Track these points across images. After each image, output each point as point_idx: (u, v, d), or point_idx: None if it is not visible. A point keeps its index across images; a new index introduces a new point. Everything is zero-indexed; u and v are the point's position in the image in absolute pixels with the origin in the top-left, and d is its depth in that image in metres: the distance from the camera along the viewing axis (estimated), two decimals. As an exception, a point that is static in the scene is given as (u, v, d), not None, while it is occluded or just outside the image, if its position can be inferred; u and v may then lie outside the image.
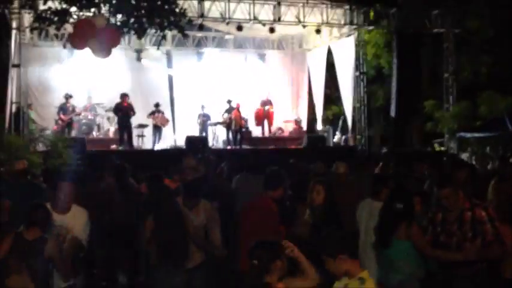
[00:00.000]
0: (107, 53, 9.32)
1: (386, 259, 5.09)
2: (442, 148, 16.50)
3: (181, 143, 17.74)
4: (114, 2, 9.62)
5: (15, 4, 13.41)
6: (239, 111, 17.78)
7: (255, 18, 16.36)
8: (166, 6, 9.57)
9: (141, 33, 10.28)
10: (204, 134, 17.79)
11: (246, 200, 6.28)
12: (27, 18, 14.51)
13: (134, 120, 16.58)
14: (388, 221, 5.07)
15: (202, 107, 18.28)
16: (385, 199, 5.36)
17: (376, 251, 5.34)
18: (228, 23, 16.60)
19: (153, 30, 11.79)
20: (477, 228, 4.81)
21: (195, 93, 19.20)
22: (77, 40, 8.42)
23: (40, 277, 4.64)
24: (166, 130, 18.08)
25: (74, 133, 16.67)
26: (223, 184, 8.26)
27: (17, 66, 14.66)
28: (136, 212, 6.46)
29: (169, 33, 16.16)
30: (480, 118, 14.23)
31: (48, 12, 9.72)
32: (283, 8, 16.70)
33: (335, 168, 7.55)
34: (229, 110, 17.97)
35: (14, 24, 14.56)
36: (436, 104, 15.74)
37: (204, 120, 18.20)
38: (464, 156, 13.31)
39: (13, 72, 14.73)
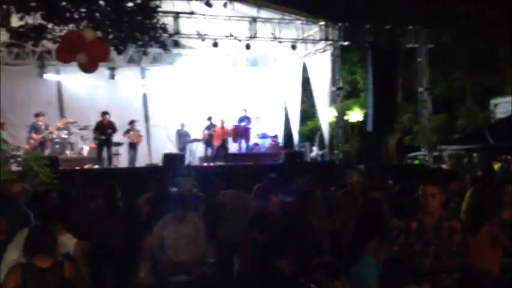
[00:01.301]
0: (95, 67, 9.06)
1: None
2: (416, 162, 16.67)
3: (156, 160, 17.55)
4: (92, 18, 9.42)
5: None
6: (223, 127, 17.80)
7: (231, 35, 16.33)
8: (147, 21, 9.40)
9: (121, 50, 10.07)
10: (183, 152, 17.57)
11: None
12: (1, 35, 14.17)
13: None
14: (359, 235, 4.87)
15: (182, 125, 18.07)
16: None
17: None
18: (203, 40, 16.51)
19: (132, 47, 11.63)
20: (453, 237, 4.76)
21: (170, 109, 19.04)
22: (64, 54, 8.14)
23: None
24: (141, 147, 17.83)
25: (46, 152, 16.26)
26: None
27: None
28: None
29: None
30: (457, 131, 14.41)
31: (25, 28, 9.46)
32: (258, 24, 16.72)
33: None
34: (209, 127, 17.88)
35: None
36: (413, 118, 15.86)
37: (183, 138, 18.02)
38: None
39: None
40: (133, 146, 17.26)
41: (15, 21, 10.22)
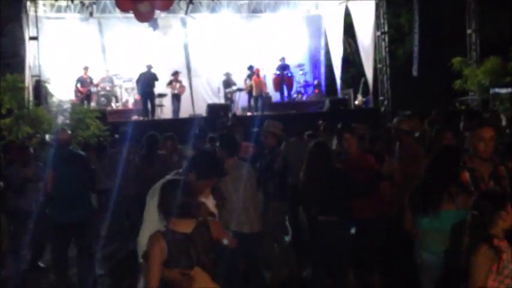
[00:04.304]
0: (152, 16, 8.89)
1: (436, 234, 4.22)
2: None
3: (200, 111, 17.58)
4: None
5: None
6: (259, 77, 17.53)
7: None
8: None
9: None
10: (229, 102, 17.49)
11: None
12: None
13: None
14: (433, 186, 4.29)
15: (227, 74, 17.93)
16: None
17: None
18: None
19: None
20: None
21: (212, 60, 18.87)
22: (125, 2, 7.94)
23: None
24: (184, 99, 17.84)
25: (92, 105, 16.47)
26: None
27: (35, 38, 14.40)
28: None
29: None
30: (510, 74, 13.89)
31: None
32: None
33: None
34: (250, 76, 17.73)
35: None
36: (463, 61, 15.34)
37: (228, 87, 17.89)
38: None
39: (30, 45, 14.47)
40: (176, 97, 17.29)
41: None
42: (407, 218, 4.47)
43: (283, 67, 18.75)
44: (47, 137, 8.71)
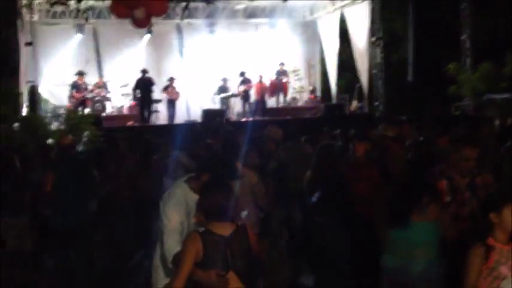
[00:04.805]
0: (148, 22, 8.90)
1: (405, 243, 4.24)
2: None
3: (195, 116, 17.58)
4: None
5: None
6: (261, 82, 17.96)
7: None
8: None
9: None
10: (224, 107, 17.53)
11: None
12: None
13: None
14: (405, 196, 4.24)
15: (224, 80, 17.97)
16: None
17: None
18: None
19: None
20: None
21: (207, 65, 18.89)
22: (121, 8, 7.95)
23: None
24: (179, 104, 17.84)
25: (87, 111, 16.43)
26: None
27: (30, 44, 14.38)
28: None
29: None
30: (505, 79, 13.96)
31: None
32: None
33: None
34: (243, 82, 17.79)
35: (24, 2, 14.22)
36: (458, 67, 15.41)
37: (223, 93, 17.94)
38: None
39: (25, 51, 14.45)
40: (171, 103, 17.30)
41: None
42: (379, 228, 4.47)
43: (281, 72, 18.82)
44: (49, 141, 8.74)
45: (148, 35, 17.80)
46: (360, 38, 18.00)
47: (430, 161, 4.56)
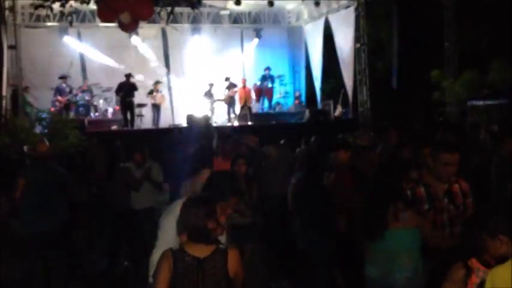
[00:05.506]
0: (136, 26, 8.81)
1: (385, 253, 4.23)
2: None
3: (180, 121, 17.53)
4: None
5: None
6: (245, 87, 18.10)
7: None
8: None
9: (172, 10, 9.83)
10: (210, 113, 17.51)
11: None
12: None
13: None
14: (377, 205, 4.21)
15: (210, 85, 17.94)
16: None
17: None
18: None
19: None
20: (466, 201, 4.40)
21: (192, 69, 18.89)
22: (106, 12, 7.87)
23: None
24: (164, 109, 17.79)
25: (71, 114, 16.30)
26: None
27: (13, 47, 14.25)
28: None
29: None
30: (488, 86, 14.09)
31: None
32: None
33: None
34: (229, 87, 17.84)
35: (7, 5, 14.09)
36: (441, 74, 15.52)
37: (209, 98, 17.92)
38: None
39: (8, 55, 14.29)
40: (156, 107, 17.25)
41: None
42: (358, 239, 4.49)
43: (266, 77, 18.86)
44: (25, 148, 8.60)
45: (133, 39, 17.72)
46: (345, 44, 18.07)
47: (403, 167, 4.49)
